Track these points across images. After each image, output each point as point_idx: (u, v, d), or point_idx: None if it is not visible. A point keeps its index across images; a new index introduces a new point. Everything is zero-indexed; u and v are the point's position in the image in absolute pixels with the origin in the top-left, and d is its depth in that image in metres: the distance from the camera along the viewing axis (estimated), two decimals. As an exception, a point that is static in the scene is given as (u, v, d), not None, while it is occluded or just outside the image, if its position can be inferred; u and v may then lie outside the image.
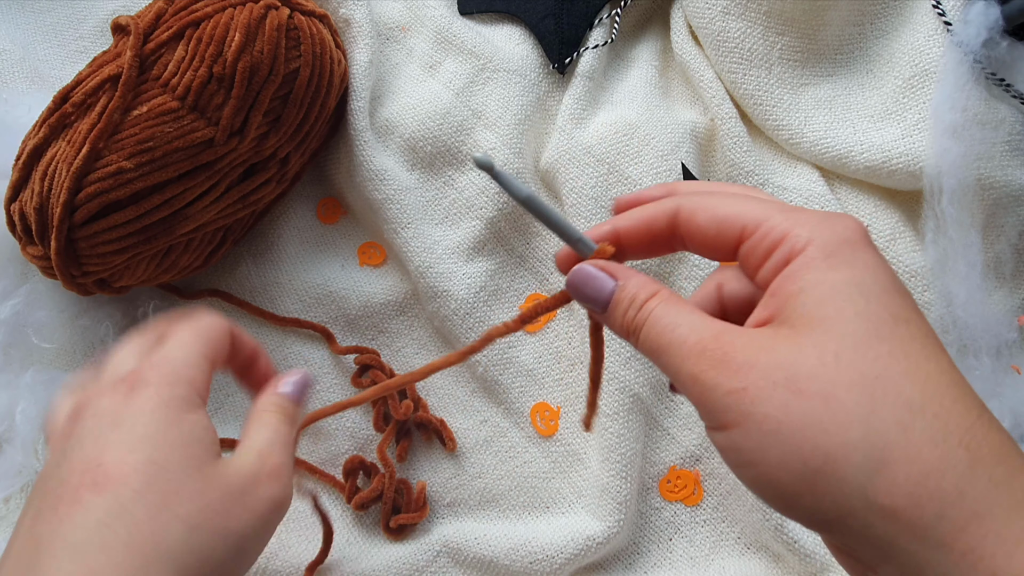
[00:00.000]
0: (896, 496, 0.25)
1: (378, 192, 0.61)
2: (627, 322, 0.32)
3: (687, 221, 0.33)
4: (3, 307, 0.60)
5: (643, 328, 0.31)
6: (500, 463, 0.60)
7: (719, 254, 0.33)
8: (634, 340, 0.32)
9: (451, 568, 0.57)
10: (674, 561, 0.59)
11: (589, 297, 0.34)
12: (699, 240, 0.33)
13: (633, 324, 0.32)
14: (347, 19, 0.64)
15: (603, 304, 0.33)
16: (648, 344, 0.31)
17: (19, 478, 0.58)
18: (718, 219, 0.32)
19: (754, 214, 0.31)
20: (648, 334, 0.31)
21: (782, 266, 0.30)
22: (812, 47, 0.63)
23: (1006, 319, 0.59)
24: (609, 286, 0.33)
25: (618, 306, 0.33)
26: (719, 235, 0.32)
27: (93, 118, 0.52)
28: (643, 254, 0.36)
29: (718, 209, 0.32)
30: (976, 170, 0.57)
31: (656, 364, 0.32)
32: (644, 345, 0.32)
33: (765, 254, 0.30)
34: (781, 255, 0.30)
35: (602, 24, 0.66)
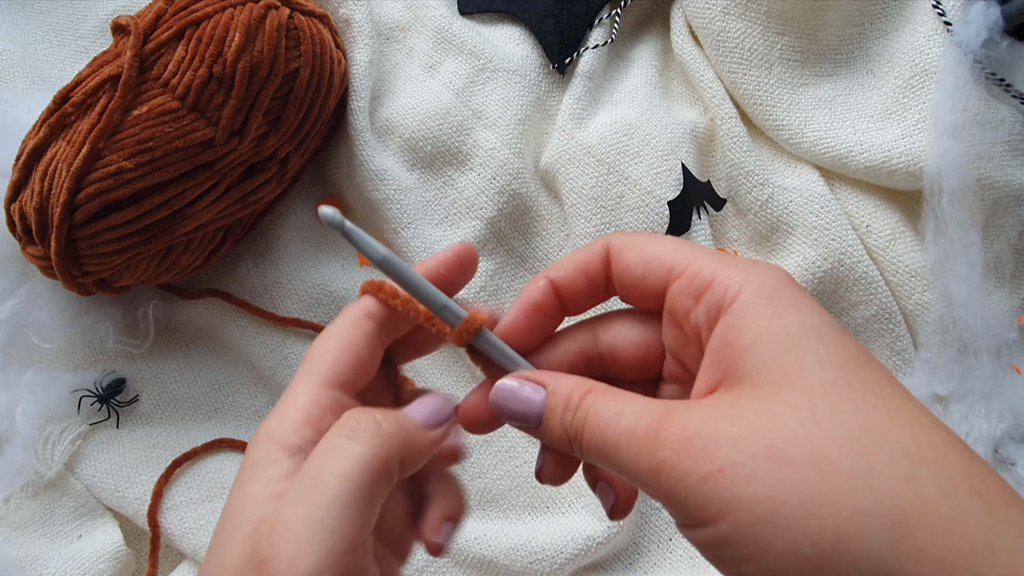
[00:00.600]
0: (925, 563, 0.22)
1: (378, 192, 0.61)
2: (566, 428, 0.28)
3: (616, 259, 0.31)
4: (3, 307, 0.60)
5: (584, 430, 0.28)
6: (500, 463, 0.60)
7: (646, 298, 0.30)
8: (578, 447, 0.28)
9: (451, 568, 0.57)
10: (674, 561, 0.59)
11: (519, 415, 0.30)
12: (627, 280, 0.30)
13: (573, 428, 0.28)
14: (347, 19, 0.64)
15: (536, 418, 0.29)
16: (594, 446, 0.27)
17: (19, 478, 0.58)
18: (645, 258, 0.30)
19: (682, 254, 0.29)
20: (592, 435, 0.27)
21: (715, 311, 0.27)
22: (812, 47, 0.63)
23: (1006, 319, 0.59)
24: (538, 397, 0.29)
25: (553, 414, 0.29)
26: (646, 275, 0.30)
27: (93, 118, 0.52)
28: (584, 303, 0.32)
29: (645, 248, 0.30)
30: (976, 170, 0.57)
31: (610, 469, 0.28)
32: (590, 448, 0.28)
33: (695, 297, 0.28)
34: (714, 299, 0.27)
35: (602, 24, 0.66)
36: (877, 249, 0.60)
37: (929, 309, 0.59)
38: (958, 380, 0.58)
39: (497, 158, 0.62)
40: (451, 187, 0.64)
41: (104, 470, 0.59)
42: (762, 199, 0.61)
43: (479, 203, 0.63)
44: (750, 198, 0.61)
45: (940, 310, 0.58)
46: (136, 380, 0.62)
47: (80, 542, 0.58)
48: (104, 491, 0.59)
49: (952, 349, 0.58)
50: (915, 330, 0.60)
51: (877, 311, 0.59)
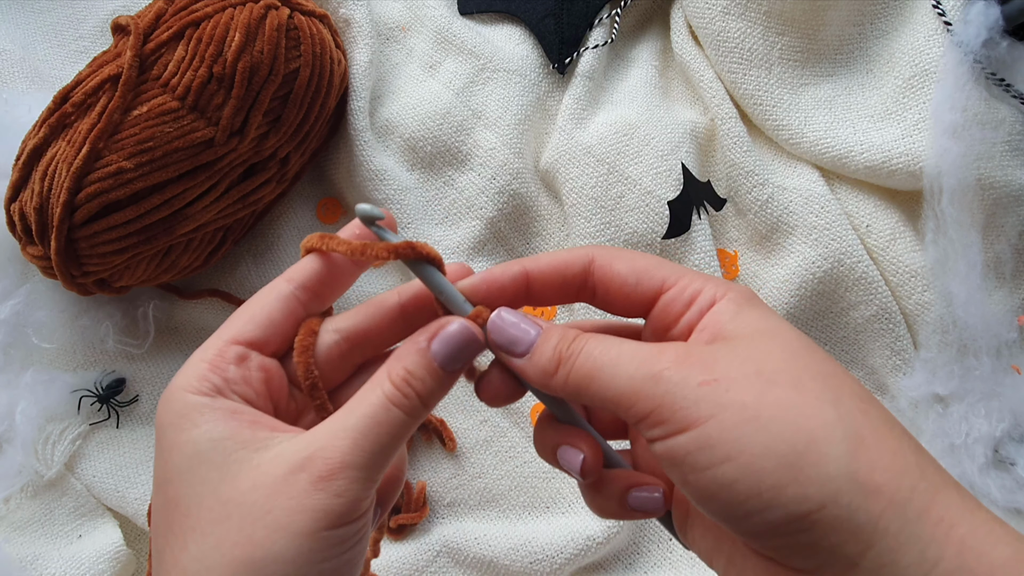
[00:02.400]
0: (876, 472, 0.26)
1: (378, 192, 0.61)
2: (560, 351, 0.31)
3: (603, 268, 0.33)
4: (3, 307, 0.60)
5: (580, 354, 0.30)
6: (500, 463, 0.60)
7: (630, 306, 0.33)
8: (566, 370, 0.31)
9: (451, 568, 0.57)
10: (674, 561, 0.59)
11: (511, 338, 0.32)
12: (615, 288, 0.33)
13: (568, 351, 0.31)
14: (347, 19, 0.64)
15: (527, 344, 0.32)
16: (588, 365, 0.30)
17: (19, 478, 0.58)
18: (638, 270, 0.33)
19: (672, 270, 0.33)
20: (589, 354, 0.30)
21: (705, 310, 0.31)
22: (812, 47, 0.63)
23: (1006, 319, 0.59)
24: (536, 329, 0.32)
25: (547, 341, 0.31)
26: (639, 284, 0.33)
27: (93, 118, 0.52)
28: (549, 300, 0.34)
29: (637, 261, 0.33)
30: (976, 170, 0.57)
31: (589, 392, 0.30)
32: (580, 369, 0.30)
33: (686, 304, 0.32)
34: (703, 302, 0.31)
35: (602, 24, 0.66)
36: (877, 249, 0.60)
37: (929, 309, 0.59)
38: (958, 380, 0.58)
39: (497, 158, 0.62)
40: (451, 187, 0.64)
41: (104, 470, 0.59)
42: (762, 199, 0.61)
43: (479, 203, 0.63)
44: (750, 198, 0.61)
45: (940, 310, 0.58)
46: (136, 380, 0.62)
47: (80, 542, 0.58)
48: (104, 491, 0.59)
49: (952, 349, 0.58)
50: (915, 330, 0.60)
51: (877, 311, 0.59)
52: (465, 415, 0.61)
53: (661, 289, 0.32)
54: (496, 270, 0.33)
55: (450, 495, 0.60)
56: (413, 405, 0.31)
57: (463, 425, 0.61)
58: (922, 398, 0.59)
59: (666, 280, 0.32)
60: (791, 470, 0.26)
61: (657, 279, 0.32)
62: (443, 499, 0.60)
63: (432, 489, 0.60)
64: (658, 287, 0.32)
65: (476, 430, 0.61)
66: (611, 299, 0.34)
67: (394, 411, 0.30)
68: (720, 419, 0.27)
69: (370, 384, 0.31)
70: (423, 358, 0.31)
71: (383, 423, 0.30)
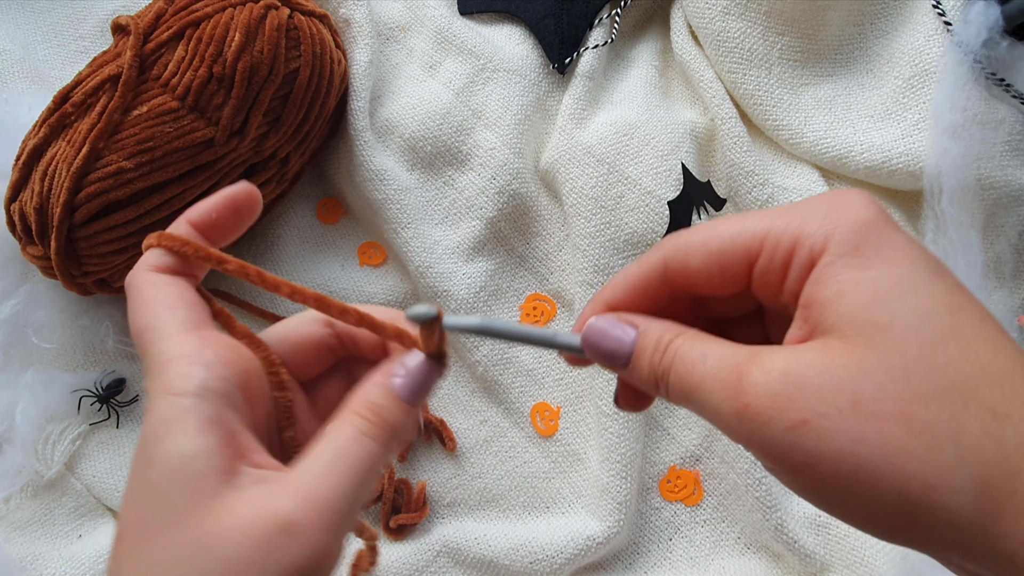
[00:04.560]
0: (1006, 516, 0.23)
1: (378, 192, 0.61)
2: (654, 368, 0.28)
3: (681, 271, 0.29)
4: (3, 307, 0.60)
5: (671, 371, 0.28)
6: (500, 463, 0.60)
7: (728, 289, 0.29)
8: (664, 388, 0.28)
9: (451, 568, 0.57)
10: (674, 561, 0.59)
11: (609, 351, 0.29)
12: (702, 283, 0.29)
13: (660, 368, 0.28)
14: (347, 19, 0.64)
15: (626, 356, 0.29)
16: (679, 387, 0.27)
17: (19, 478, 0.58)
18: (715, 255, 0.28)
19: (752, 231, 0.27)
20: (677, 374, 0.27)
21: (807, 273, 0.26)
22: (812, 47, 0.63)
23: (1006, 319, 0.59)
24: (630, 336, 0.29)
25: (643, 353, 0.29)
26: (724, 271, 0.28)
27: (93, 118, 0.52)
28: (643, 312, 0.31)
29: (710, 245, 0.28)
30: (976, 170, 0.57)
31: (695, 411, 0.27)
32: (675, 389, 0.28)
33: (782, 268, 0.27)
34: (801, 262, 0.26)
35: (602, 24, 0.66)
36: (877, 249, 0.60)
37: (929, 309, 0.59)
38: (958, 380, 0.58)
39: (497, 158, 0.62)
40: (451, 187, 0.64)
41: (104, 470, 0.59)
42: (762, 199, 0.61)
43: (479, 203, 0.63)
44: (750, 198, 0.61)
45: (940, 310, 0.58)
46: (136, 380, 0.62)
47: (80, 542, 0.58)
48: (104, 491, 0.59)
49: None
50: (915, 330, 0.60)
51: (877, 311, 0.59)
52: (465, 415, 0.61)
53: (748, 262, 0.28)
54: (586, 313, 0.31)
55: (450, 495, 0.60)
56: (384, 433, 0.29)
57: (463, 425, 0.61)
58: None
59: (750, 249, 0.27)
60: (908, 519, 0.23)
61: (740, 253, 0.28)
62: (443, 499, 0.60)
63: (432, 489, 0.60)
64: (744, 262, 0.28)
65: (476, 430, 0.61)
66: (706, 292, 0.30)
67: (364, 442, 0.28)
68: (816, 470, 0.24)
69: (337, 422, 0.29)
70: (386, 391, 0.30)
71: (358, 459, 0.28)
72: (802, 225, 0.26)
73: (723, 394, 0.26)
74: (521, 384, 0.61)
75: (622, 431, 0.57)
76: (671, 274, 0.29)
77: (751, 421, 0.25)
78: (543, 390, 0.61)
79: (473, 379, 0.62)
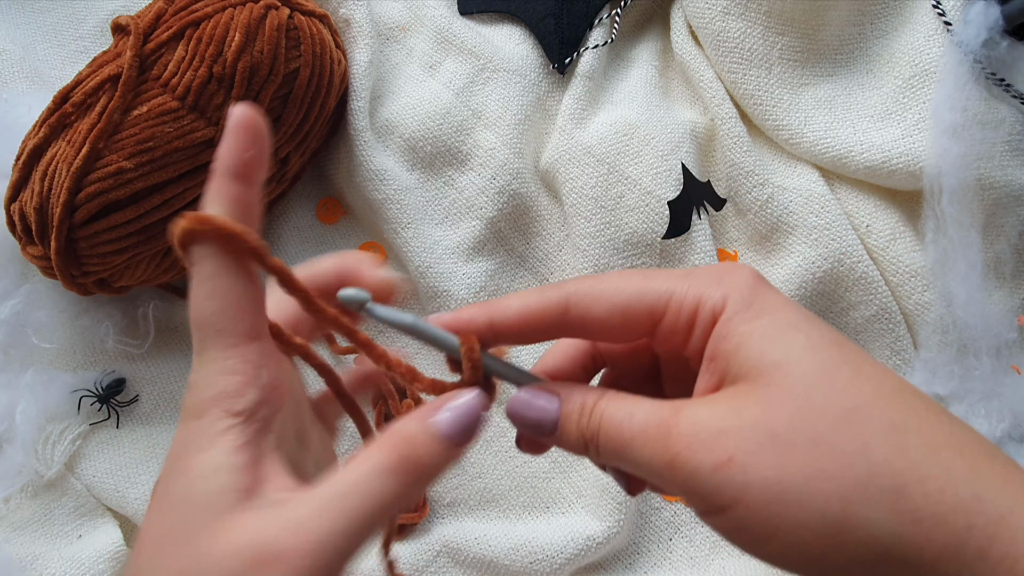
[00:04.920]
0: (924, 521, 0.24)
1: (378, 192, 0.61)
2: (582, 431, 0.29)
3: (581, 315, 0.30)
4: (3, 307, 0.60)
5: (600, 433, 0.29)
6: (500, 463, 0.60)
7: (624, 339, 0.31)
8: (594, 450, 0.29)
9: (451, 568, 0.57)
10: (674, 561, 0.59)
11: (535, 421, 0.30)
12: (599, 331, 0.30)
13: (589, 431, 0.29)
14: (347, 19, 0.64)
15: (551, 424, 0.30)
16: (610, 447, 0.29)
17: (19, 478, 0.58)
18: (619, 308, 0.29)
19: (656, 293, 0.29)
20: (607, 436, 0.28)
21: (710, 329, 0.29)
22: (812, 47, 0.63)
23: (1006, 319, 0.59)
24: (554, 405, 0.30)
25: (569, 419, 0.30)
26: (625, 324, 0.30)
27: (93, 118, 0.52)
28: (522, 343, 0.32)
29: (615, 298, 0.30)
30: (976, 170, 0.57)
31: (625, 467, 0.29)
32: (606, 449, 0.29)
33: (687, 327, 0.29)
34: (704, 320, 0.29)
35: (602, 24, 0.66)
36: (877, 249, 0.60)
37: (929, 309, 0.59)
38: (958, 380, 0.58)
39: (497, 158, 0.62)
40: (451, 187, 0.64)
41: (104, 470, 0.59)
42: (762, 199, 0.61)
43: (479, 203, 0.63)
44: (750, 198, 0.61)
45: (940, 310, 0.58)
46: (136, 380, 0.62)
47: (80, 542, 0.58)
48: (104, 491, 0.59)
49: (952, 349, 0.58)
50: (915, 330, 0.60)
51: (877, 311, 0.59)
52: (465, 415, 0.61)
53: (652, 319, 0.30)
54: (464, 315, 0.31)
55: (450, 495, 0.60)
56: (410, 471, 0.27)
57: (463, 425, 0.61)
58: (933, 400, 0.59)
59: (654, 308, 0.29)
60: (833, 539, 0.25)
61: (644, 311, 0.30)
62: (443, 499, 0.60)
63: (432, 489, 0.60)
64: (648, 319, 0.30)
65: (476, 430, 0.61)
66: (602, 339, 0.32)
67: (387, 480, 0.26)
68: (746, 503, 0.25)
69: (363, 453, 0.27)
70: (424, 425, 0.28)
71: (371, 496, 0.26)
72: (702, 289, 0.29)
73: (654, 448, 0.27)
74: (521, 384, 0.61)
75: (622, 431, 0.57)
76: (570, 316, 0.30)
77: (682, 469, 0.26)
78: (543, 390, 0.61)
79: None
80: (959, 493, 0.25)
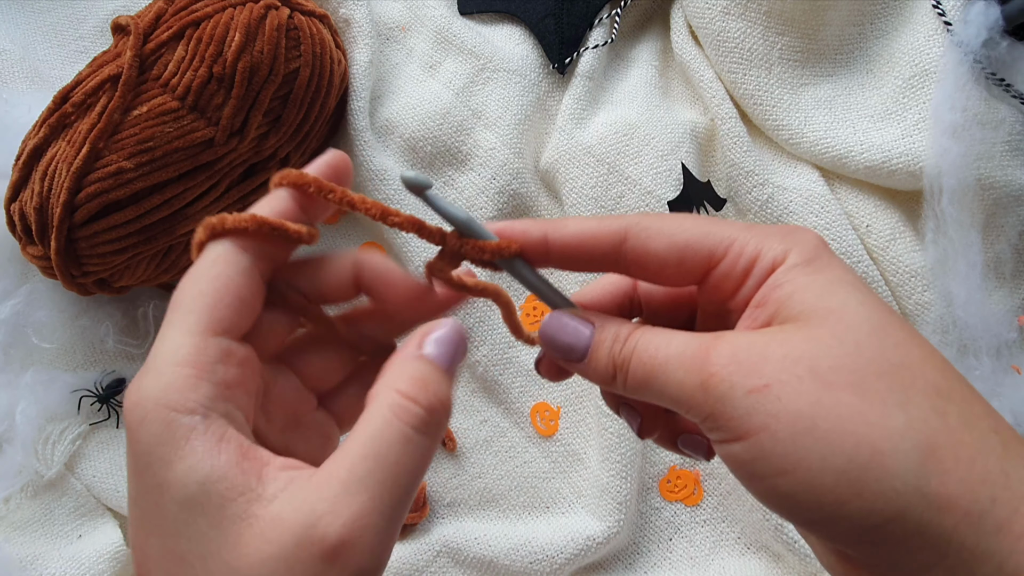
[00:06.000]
0: (950, 484, 0.24)
1: (378, 192, 0.61)
2: (613, 357, 0.29)
3: (639, 248, 0.29)
4: (3, 307, 0.60)
5: (632, 358, 0.29)
6: (500, 463, 0.60)
7: (675, 281, 0.30)
8: (622, 377, 0.29)
9: (451, 568, 0.57)
10: (674, 561, 0.59)
11: (566, 345, 0.30)
12: (653, 268, 0.30)
13: (620, 357, 0.29)
14: (347, 19, 0.64)
15: (583, 350, 0.30)
16: (640, 372, 0.28)
17: (19, 478, 0.58)
18: (679, 246, 0.29)
19: (719, 236, 0.29)
20: (639, 360, 0.28)
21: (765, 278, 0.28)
22: (812, 47, 0.63)
23: (1006, 319, 0.59)
24: (588, 330, 0.30)
25: (601, 346, 0.30)
26: (681, 263, 0.29)
27: (93, 118, 0.52)
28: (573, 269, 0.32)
29: (676, 235, 0.29)
30: (976, 170, 0.57)
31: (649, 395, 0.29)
32: (635, 375, 0.29)
33: (743, 274, 0.29)
34: (762, 269, 0.28)
35: (602, 24, 0.66)
36: (877, 249, 0.60)
37: (929, 309, 0.59)
38: (958, 380, 0.58)
39: (497, 158, 0.62)
40: (451, 187, 0.64)
41: (104, 470, 0.59)
42: (762, 199, 0.61)
43: (479, 203, 0.63)
44: (750, 198, 0.61)
45: (940, 310, 0.58)
46: (136, 380, 0.62)
47: (80, 542, 0.58)
48: (104, 491, 0.59)
49: (952, 349, 0.58)
50: (915, 330, 0.60)
51: (877, 311, 0.59)
52: (465, 415, 0.61)
53: (710, 262, 0.29)
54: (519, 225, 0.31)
55: (450, 495, 0.60)
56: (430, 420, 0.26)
57: (463, 425, 0.61)
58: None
59: (715, 251, 0.29)
60: (854, 485, 0.24)
61: (704, 252, 0.29)
62: (443, 499, 0.60)
63: (432, 489, 0.60)
64: (705, 261, 0.29)
65: (476, 430, 0.61)
66: (651, 278, 0.31)
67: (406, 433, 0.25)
68: (773, 431, 0.25)
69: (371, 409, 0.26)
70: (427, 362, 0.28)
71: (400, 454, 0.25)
72: (764, 240, 0.29)
73: (689, 368, 0.27)
74: (521, 384, 0.61)
75: (622, 431, 0.57)
76: (627, 248, 0.30)
77: (715, 389, 0.26)
78: (543, 390, 0.61)
79: (473, 379, 0.62)
80: (989, 465, 0.24)
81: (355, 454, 0.25)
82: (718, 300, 0.30)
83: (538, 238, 0.30)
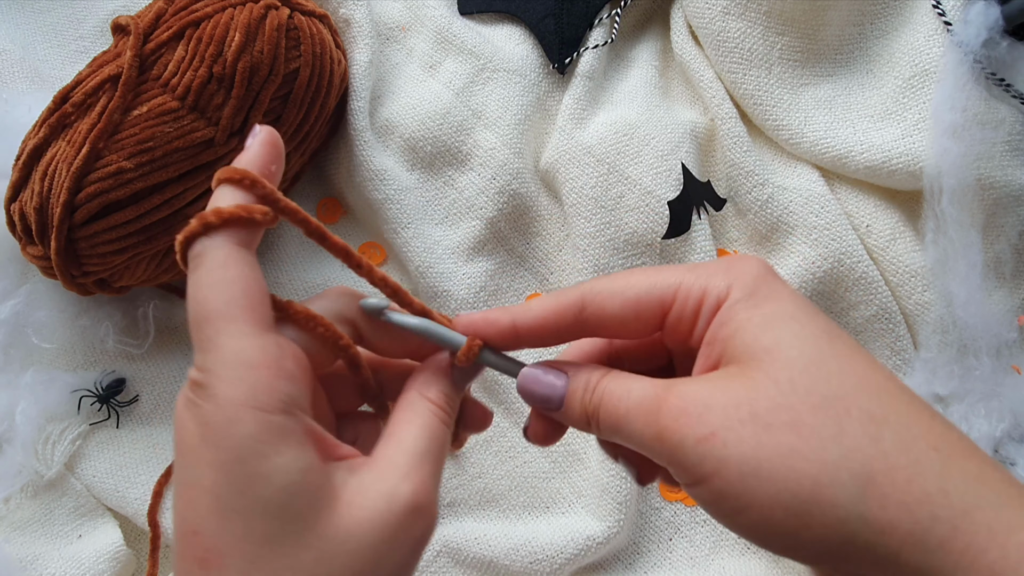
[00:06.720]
0: (889, 508, 0.25)
1: (378, 192, 0.61)
2: (584, 407, 0.32)
3: (597, 313, 0.32)
4: (3, 307, 0.60)
5: (600, 408, 0.31)
6: (500, 463, 0.60)
7: (638, 334, 0.33)
8: (595, 424, 0.32)
9: (451, 568, 0.57)
10: (674, 561, 0.59)
11: (544, 396, 0.33)
12: (615, 327, 0.32)
13: (591, 406, 0.31)
14: (347, 19, 0.64)
15: (559, 400, 0.33)
16: (608, 421, 0.31)
17: (19, 478, 0.58)
18: (631, 302, 0.31)
19: (664, 285, 0.31)
20: (606, 410, 0.31)
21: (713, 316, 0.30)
22: (812, 47, 0.63)
23: (1006, 319, 0.59)
24: (562, 381, 0.33)
25: (574, 395, 0.32)
26: (637, 317, 0.31)
27: (93, 118, 0.52)
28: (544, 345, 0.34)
29: (627, 293, 0.31)
30: (976, 170, 0.57)
31: (622, 441, 0.31)
32: (605, 423, 0.31)
33: (693, 316, 0.31)
34: (709, 308, 0.30)
35: (602, 24, 0.66)
36: (877, 249, 0.60)
37: (929, 309, 0.59)
38: (958, 380, 0.58)
39: (497, 158, 0.62)
40: (451, 187, 0.64)
41: (104, 470, 0.59)
42: (762, 199, 0.61)
43: (479, 203, 0.63)
44: (750, 198, 0.61)
45: (940, 310, 0.58)
46: (136, 380, 0.62)
47: (80, 542, 0.58)
48: (104, 491, 0.59)
49: (952, 349, 0.58)
50: (915, 330, 0.60)
51: (877, 311, 0.59)
52: (465, 415, 0.61)
53: (662, 311, 0.31)
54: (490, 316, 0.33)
55: (450, 495, 0.60)
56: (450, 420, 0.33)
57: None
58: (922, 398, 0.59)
59: (663, 300, 0.31)
60: (802, 518, 0.26)
61: (654, 303, 0.31)
62: (443, 499, 0.60)
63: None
64: (658, 310, 0.31)
65: (476, 430, 0.61)
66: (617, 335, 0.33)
67: (443, 428, 0.32)
68: (724, 476, 0.27)
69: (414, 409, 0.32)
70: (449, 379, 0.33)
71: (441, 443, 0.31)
72: (708, 278, 0.30)
73: (646, 421, 0.29)
74: (521, 384, 0.61)
75: (622, 431, 0.57)
76: (587, 315, 0.32)
77: (669, 440, 0.28)
78: (543, 390, 0.61)
79: (473, 379, 0.62)
80: (926, 485, 0.26)
81: (412, 436, 0.31)
82: (680, 341, 0.32)
83: (507, 326, 0.33)
